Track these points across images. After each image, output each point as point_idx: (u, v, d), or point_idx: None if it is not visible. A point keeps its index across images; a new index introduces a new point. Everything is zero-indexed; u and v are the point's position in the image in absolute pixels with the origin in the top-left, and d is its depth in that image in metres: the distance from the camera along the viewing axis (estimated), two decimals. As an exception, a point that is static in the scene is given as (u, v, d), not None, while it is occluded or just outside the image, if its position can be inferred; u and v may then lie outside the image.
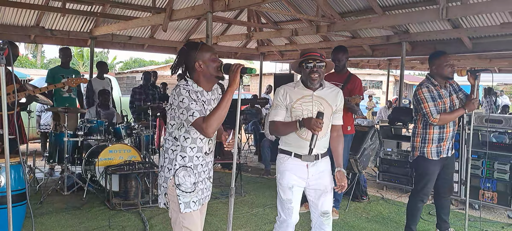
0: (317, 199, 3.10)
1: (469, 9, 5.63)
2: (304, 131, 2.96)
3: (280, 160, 3.10)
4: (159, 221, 4.68)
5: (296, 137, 3.00)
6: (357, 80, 4.89)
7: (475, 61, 11.68)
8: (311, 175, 3.04)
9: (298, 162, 3.03)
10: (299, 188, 3.07)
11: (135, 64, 35.45)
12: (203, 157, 2.67)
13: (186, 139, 2.58)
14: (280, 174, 3.08)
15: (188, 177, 2.59)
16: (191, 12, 6.62)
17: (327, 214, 3.12)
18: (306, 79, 3.03)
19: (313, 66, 2.96)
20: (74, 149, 5.87)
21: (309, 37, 10.33)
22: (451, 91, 3.94)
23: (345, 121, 4.89)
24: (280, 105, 3.06)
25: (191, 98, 2.46)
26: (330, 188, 3.11)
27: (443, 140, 3.90)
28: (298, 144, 3.01)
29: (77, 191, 5.64)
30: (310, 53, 3.03)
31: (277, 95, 3.09)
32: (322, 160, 3.08)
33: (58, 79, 6.54)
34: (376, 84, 32.56)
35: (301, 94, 3.03)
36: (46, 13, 8.22)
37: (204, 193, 2.73)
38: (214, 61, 2.56)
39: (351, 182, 5.61)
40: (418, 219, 4.15)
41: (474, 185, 5.24)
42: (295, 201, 3.07)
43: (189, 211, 2.59)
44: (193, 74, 2.60)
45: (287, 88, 3.07)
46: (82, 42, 9.77)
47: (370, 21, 7.30)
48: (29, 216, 4.30)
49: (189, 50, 2.58)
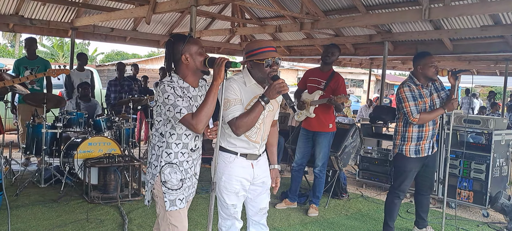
0: (256, 196, 2.87)
1: (451, 11, 5.72)
2: (254, 134, 2.71)
3: (225, 160, 2.73)
4: (138, 215, 4.63)
5: (245, 140, 2.71)
6: (341, 78, 4.90)
7: (454, 63, 11.91)
8: (256, 175, 2.80)
9: (243, 162, 2.74)
10: (245, 191, 2.81)
11: (117, 57, 34.95)
12: (189, 154, 2.63)
13: (171, 135, 2.54)
14: (226, 177, 2.72)
15: (174, 173, 2.56)
16: (175, 5, 6.54)
17: (265, 209, 2.93)
18: (263, 77, 2.64)
19: (273, 62, 2.61)
20: (53, 141, 5.75)
21: (292, 34, 10.34)
22: (431, 91, 4.00)
23: (326, 118, 4.95)
24: (237, 100, 2.63)
25: (176, 95, 2.41)
26: (269, 185, 2.92)
27: (422, 139, 3.96)
28: (245, 146, 2.73)
29: (54, 184, 5.53)
30: (269, 48, 2.64)
31: (231, 90, 2.62)
32: (263, 156, 2.88)
33: (22, 71, 6.43)
34: (357, 83, 32.89)
35: (253, 94, 2.66)
36: (26, 1, 8.01)
37: (190, 190, 2.70)
38: (200, 55, 2.51)
39: (331, 180, 5.65)
40: (395, 216, 4.21)
41: (452, 184, 5.34)
42: (239, 204, 2.82)
43: (175, 209, 2.56)
44: (179, 68, 2.54)
45: (239, 85, 2.66)
46: (63, 33, 9.54)
47: (353, 19, 7.35)
48: (4, 208, 4.21)
49: (176, 42, 2.53)
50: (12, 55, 30.81)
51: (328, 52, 4.92)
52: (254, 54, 2.64)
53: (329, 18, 8.13)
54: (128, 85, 8.07)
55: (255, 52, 2.65)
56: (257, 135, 2.74)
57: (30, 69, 6.48)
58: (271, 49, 2.64)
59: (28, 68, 6.47)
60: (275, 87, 2.48)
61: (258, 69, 2.64)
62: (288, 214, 5.01)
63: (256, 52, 2.64)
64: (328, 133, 4.95)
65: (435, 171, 4.24)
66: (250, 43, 2.76)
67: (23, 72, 6.41)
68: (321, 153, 4.94)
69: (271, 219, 4.70)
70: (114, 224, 4.34)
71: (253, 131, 2.71)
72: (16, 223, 4.24)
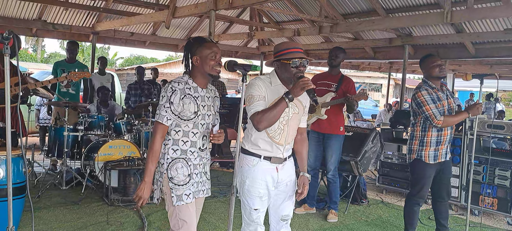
0: (280, 203, 2.84)
1: (473, 14, 5.63)
2: (278, 134, 2.70)
3: (248, 163, 2.72)
4: (157, 217, 4.66)
5: (268, 141, 2.69)
6: (351, 82, 4.94)
7: (476, 67, 11.71)
8: (280, 179, 2.76)
9: (268, 165, 2.71)
10: (268, 196, 2.78)
11: (136, 61, 35.41)
12: (198, 153, 2.68)
13: (177, 132, 2.62)
14: (249, 181, 2.71)
15: (181, 168, 2.61)
16: (194, 10, 6.59)
17: (288, 218, 2.90)
18: (289, 77, 2.65)
19: (300, 64, 2.62)
20: (74, 144, 5.84)
21: (310, 37, 10.32)
22: (448, 95, 3.94)
23: (338, 121, 4.93)
24: (261, 97, 2.64)
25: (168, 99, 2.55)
26: (293, 192, 2.87)
27: (441, 143, 3.89)
28: (268, 148, 2.71)
29: (75, 186, 5.61)
30: (297, 49, 2.68)
31: (256, 87, 2.65)
32: (289, 161, 2.84)
33: (59, 73, 6.54)
34: (376, 87, 32.57)
35: (278, 93, 2.65)
36: (49, 6, 8.19)
37: (199, 187, 2.72)
38: (211, 59, 2.58)
39: (351, 185, 5.59)
40: (416, 223, 4.13)
41: (475, 190, 5.22)
42: (263, 210, 2.80)
43: (181, 204, 2.60)
44: (191, 69, 2.66)
45: (264, 84, 2.68)
46: (84, 37, 9.73)
47: (373, 23, 7.28)
48: (26, 210, 4.29)
49: (192, 44, 2.65)
50: (34, 59, 31.49)
51: (332, 55, 4.97)
52: (281, 55, 2.67)
53: (348, 22, 8.09)
54: (147, 89, 8.15)
55: (283, 52, 2.68)
56: (281, 136, 2.72)
57: (66, 72, 6.56)
58: (298, 50, 2.67)
59: (65, 71, 6.54)
60: (299, 84, 2.50)
61: (284, 69, 2.66)
62: (307, 219, 4.97)
63: (284, 52, 2.67)
64: (339, 136, 4.93)
65: (451, 176, 4.15)
66: (278, 44, 2.79)
67: (60, 74, 6.50)
68: (333, 156, 4.90)
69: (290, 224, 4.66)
70: (134, 227, 4.38)
71: (277, 131, 2.70)
72: (38, 225, 4.30)
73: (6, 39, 2.07)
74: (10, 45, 2.07)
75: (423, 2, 7.11)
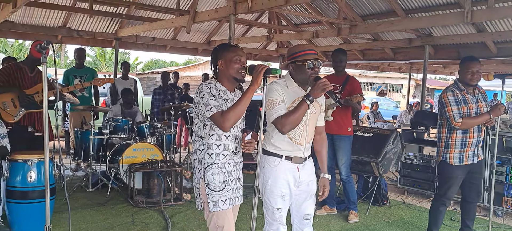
0: (301, 202, 2.91)
1: (494, 13, 5.57)
2: (298, 135, 2.78)
3: (270, 164, 2.80)
4: (180, 219, 4.76)
5: (289, 141, 2.78)
6: (356, 81, 4.99)
7: (499, 66, 11.49)
8: (302, 179, 2.84)
9: (289, 165, 2.80)
10: (290, 195, 2.85)
11: (156, 65, 35.87)
12: (231, 156, 2.70)
13: (211, 135, 2.63)
14: (272, 180, 2.79)
15: (217, 174, 2.63)
16: (215, 14, 6.70)
17: (310, 217, 2.96)
18: (305, 78, 2.74)
19: (314, 65, 2.71)
20: (99, 147, 6.01)
21: (329, 39, 10.32)
22: (479, 99, 3.90)
23: (345, 121, 4.96)
24: (280, 100, 2.73)
25: (211, 94, 2.54)
26: (315, 191, 2.94)
27: (466, 146, 3.87)
28: (289, 148, 2.79)
29: (101, 188, 5.77)
30: (311, 50, 2.77)
31: (275, 91, 2.73)
32: (309, 160, 2.92)
33: (71, 79, 6.76)
34: (396, 88, 32.20)
35: (295, 95, 2.76)
36: (73, 14, 8.44)
37: (234, 193, 2.75)
38: (235, 62, 2.62)
39: (372, 186, 5.60)
40: (440, 224, 4.13)
41: (498, 191, 5.16)
42: (285, 209, 2.87)
43: (218, 210, 2.63)
44: (217, 73, 2.70)
45: (281, 87, 2.77)
46: (107, 43, 9.99)
47: (392, 24, 7.27)
48: (56, 211, 4.46)
49: (218, 49, 2.71)
50: (57, 65, 32.14)
51: (337, 60, 4.99)
52: (296, 57, 2.77)
53: (367, 23, 8.08)
54: (171, 94, 8.34)
55: (297, 54, 2.77)
56: (301, 136, 2.80)
57: (78, 77, 6.80)
58: (312, 52, 2.77)
59: (77, 77, 6.80)
60: (319, 86, 2.59)
61: (300, 71, 2.75)
62: (328, 220, 5.01)
63: (299, 54, 2.76)
64: (348, 136, 4.96)
65: (482, 177, 4.11)
66: (292, 47, 2.88)
67: (72, 81, 6.75)
68: (344, 158, 4.94)
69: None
70: (158, 228, 4.49)
71: (297, 132, 2.78)
72: (67, 225, 4.45)
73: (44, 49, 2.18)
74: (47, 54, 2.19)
75: (443, 2, 7.05)
